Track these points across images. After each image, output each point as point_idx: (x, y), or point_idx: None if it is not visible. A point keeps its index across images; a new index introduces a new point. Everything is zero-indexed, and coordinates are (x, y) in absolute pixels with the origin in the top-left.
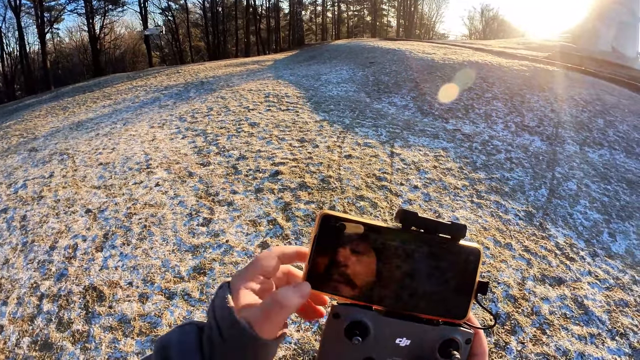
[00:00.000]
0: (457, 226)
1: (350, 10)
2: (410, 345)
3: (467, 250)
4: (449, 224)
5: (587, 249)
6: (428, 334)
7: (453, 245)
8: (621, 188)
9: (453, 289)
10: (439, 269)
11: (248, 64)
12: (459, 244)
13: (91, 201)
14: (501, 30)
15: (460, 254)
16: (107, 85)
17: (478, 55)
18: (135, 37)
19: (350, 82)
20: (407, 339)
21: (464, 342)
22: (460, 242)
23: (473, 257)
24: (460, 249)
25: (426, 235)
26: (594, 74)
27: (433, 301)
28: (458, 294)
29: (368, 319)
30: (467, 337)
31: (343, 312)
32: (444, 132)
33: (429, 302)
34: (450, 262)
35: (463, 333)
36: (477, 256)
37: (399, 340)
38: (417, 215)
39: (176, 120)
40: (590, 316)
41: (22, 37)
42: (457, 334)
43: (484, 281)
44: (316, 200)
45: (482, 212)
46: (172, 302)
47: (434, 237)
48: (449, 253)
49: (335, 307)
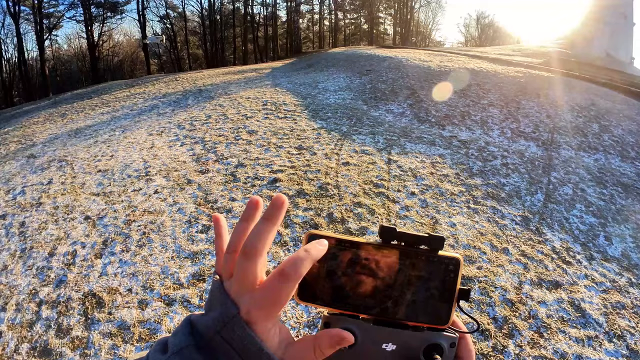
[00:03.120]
0: (435, 238)
1: (347, 19)
2: (396, 349)
3: (446, 259)
4: (427, 236)
5: (583, 253)
6: (413, 339)
7: (433, 256)
8: (617, 192)
9: (435, 296)
10: (420, 279)
11: (246, 72)
12: (438, 255)
13: (90, 208)
14: (497, 37)
15: (440, 264)
16: (105, 92)
17: (474, 63)
18: (133, 44)
19: (347, 89)
20: (393, 344)
21: (449, 345)
22: (439, 253)
23: (453, 266)
24: (440, 259)
25: (406, 248)
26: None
27: (417, 309)
28: (440, 301)
29: (356, 327)
30: (452, 341)
31: (333, 321)
32: (440, 139)
33: (413, 310)
34: (431, 271)
35: (447, 337)
36: (456, 265)
37: (385, 345)
38: (396, 230)
39: (175, 128)
40: (588, 319)
41: (20, 43)
42: (441, 339)
43: (465, 288)
44: (314, 208)
45: (479, 217)
46: (171, 308)
47: (413, 249)
48: (429, 263)
49: (326, 317)
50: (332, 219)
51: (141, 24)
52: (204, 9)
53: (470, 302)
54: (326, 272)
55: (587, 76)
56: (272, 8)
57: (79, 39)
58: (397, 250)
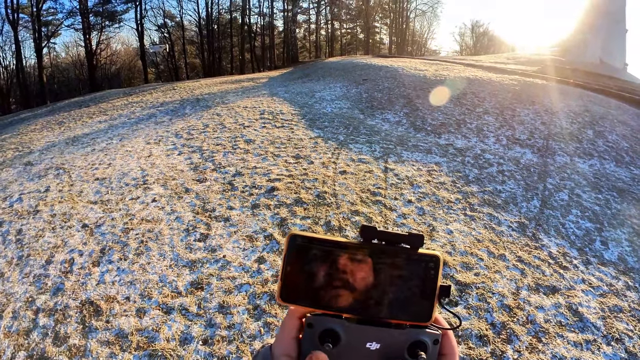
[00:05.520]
0: (415, 236)
1: (344, 28)
2: (380, 348)
3: (426, 257)
4: (407, 235)
5: (580, 258)
6: (396, 337)
7: (413, 254)
8: (612, 196)
9: (416, 294)
10: (401, 277)
11: (243, 81)
12: (418, 253)
13: (88, 216)
14: (491, 46)
15: (420, 262)
16: (103, 100)
17: (469, 71)
18: (131, 53)
19: (344, 99)
20: (377, 343)
21: (432, 342)
22: (420, 251)
23: (433, 264)
24: (420, 257)
25: (387, 247)
26: (582, 85)
27: (399, 307)
28: (422, 298)
29: (339, 326)
30: (435, 338)
31: (316, 321)
32: (436, 147)
33: (395, 308)
34: (412, 269)
35: (430, 334)
36: (436, 263)
37: (369, 344)
38: (376, 230)
39: (172, 137)
40: (585, 323)
41: (19, 50)
42: (424, 336)
43: (446, 285)
44: (312, 216)
45: (476, 224)
46: (169, 316)
47: (394, 248)
48: (409, 261)
49: (309, 318)
50: (330, 227)
51: (139, 33)
52: (201, 19)
53: (468, 309)
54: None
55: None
56: (269, 18)
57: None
58: (378, 249)
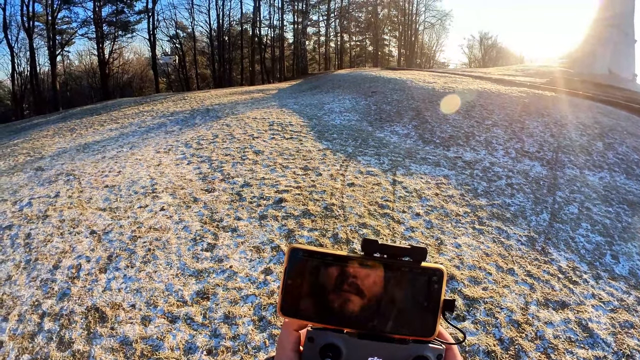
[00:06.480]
0: (418, 249)
1: (353, 41)
2: None
3: (430, 271)
4: (409, 248)
5: (590, 272)
6: (399, 353)
7: (416, 268)
8: (622, 210)
9: (419, 308)
10: (404, 291)
11: (253, 93)
12: (421, 266)
13: (96, 223)
14: (500, 58)
15: (424, 275)
16: (114, 109)
17: (477, 83)
18: (143, 62)
19: (352, 111)
20: (379, 358)
21: (435, 358)
22: (423, 264)
23: (436, 277)
24: (423, 270)
25: (389, 260)
26: (591, 97)
27: (401, 321)
28: (425, 312)
29: (340, 341)
30: (438, 353)
31: (317, 336)
32: (445, 160)
33: (397, 323)
34: (415, 283)
35: (433, 350)
36: (440, 276)
37: (371, 359)
38: (378, 243)
39: (182, 146)
40: (596, 339)
41: (33, 58)
42: (427, 351)
43: (450, 299)
44: (319, 228)
45: (484, 238)
46: (174, 325)
47: (396, 261)
48: (412, 275)
49: (310, 332)
50: (337, 240)
51: (151, 43)
52: (212, 30)
53: (475, 324)
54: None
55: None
56: (279, 30)
57: (90, 56)
58: (380, 262)
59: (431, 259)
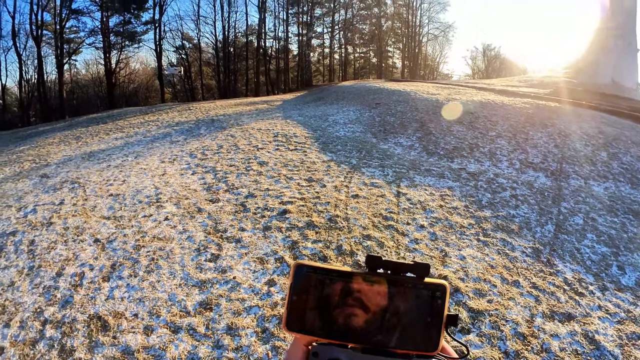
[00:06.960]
0: (421, 265)
1: (357, 52)
2: None
3: (433, 286)
4: (412, 264)
5: (596, 283)
6: None
7: (419, 283)
8: (628, 220)
9: (423, 323)
10: (408, 306)
11: (257, 104)
12: (425, 282)
13: (100, 231)
14: (503, 69)
15: (427, 291)
16: (120, 118)
17: (481, 95)
18: (149, 72)
19: (357, 122)
20: None
21: None
22: (426, 280)
23: (440, 293)
24: (427, 286)
25: (393, 276)
26: (595, 107)
27: (405, 336)
28: (428, 327)
29: (344, 356)
30: None
31: (321, 351)
32: (449, 172)
33: (401, 338)
34: (418, 298)
35: None
36: (443, 291)
37: None
38: (382, 259)
39: (187, 156)
40: (602, 351)
41: (41, 66)
42: None
43: (453, 314)
44: (323, 240)
45: (489, 250)
46: (177, 335)
47: (400, 277)
48: (415, 291)
49: (315, 347)
50: (341, 252)
51: (157, 54)
52: (218, 41)
53: (480, 337)
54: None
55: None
56: (284, 42)
57: (97, 65)
58: (383, 278)
59: (435, 272)
